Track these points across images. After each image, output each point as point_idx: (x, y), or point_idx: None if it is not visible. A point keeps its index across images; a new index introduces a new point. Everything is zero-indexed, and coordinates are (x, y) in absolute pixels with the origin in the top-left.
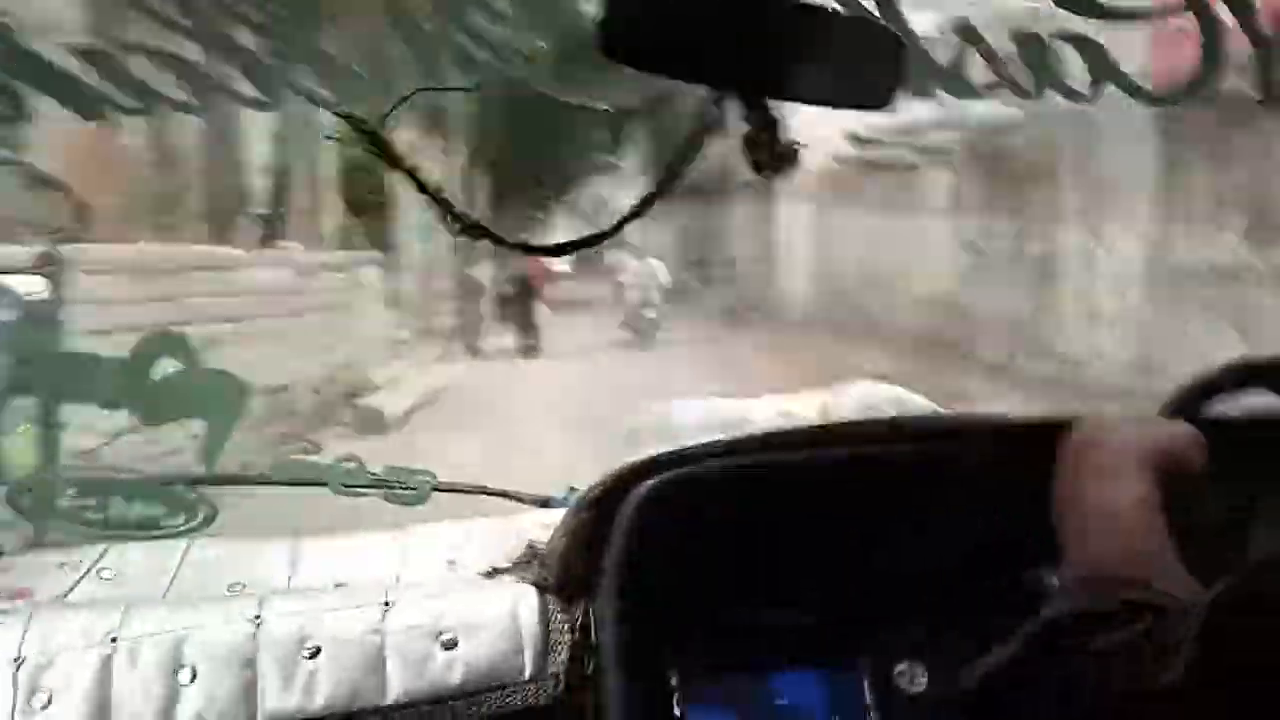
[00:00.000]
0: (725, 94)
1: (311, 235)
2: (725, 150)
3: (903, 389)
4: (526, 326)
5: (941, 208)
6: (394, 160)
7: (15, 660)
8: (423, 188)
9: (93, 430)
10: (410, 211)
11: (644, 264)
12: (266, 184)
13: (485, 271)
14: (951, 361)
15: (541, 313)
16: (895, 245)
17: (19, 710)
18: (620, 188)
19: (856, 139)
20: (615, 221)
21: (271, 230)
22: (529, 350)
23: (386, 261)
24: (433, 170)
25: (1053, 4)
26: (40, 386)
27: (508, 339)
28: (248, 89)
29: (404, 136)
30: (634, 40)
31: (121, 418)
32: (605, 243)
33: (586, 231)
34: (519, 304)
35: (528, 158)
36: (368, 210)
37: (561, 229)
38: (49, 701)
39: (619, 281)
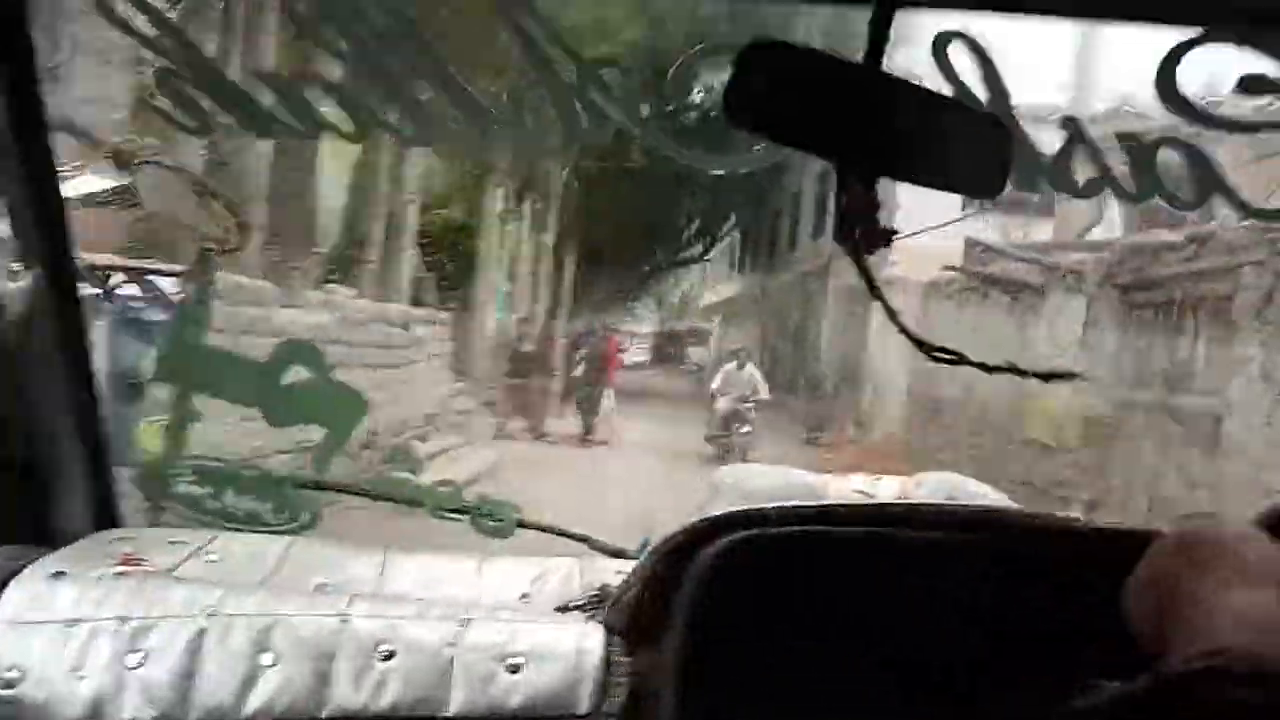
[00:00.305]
0: (840, 167)
1: (378, 285)
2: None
3: (979, 483)
4: (592, 412)
5: (1072, 336)
6: (869, 282)
7: (121, 619)
8: (891, 314)
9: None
10: (494, 277)
11: (741, 371)
12: (338, 225)
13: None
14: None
15: (610, 401)
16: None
17: (115, 664)
18: (705, 283)
19: (980, 247)
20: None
21: (329, 273)
22: (591, 438)
23: (458, 325)
24: (519, 242)
25: (1164, 108)
26: (181, 379)
27: (572, 422)
28: (404, 122)
29: (490, 204)
30: (759, 107)
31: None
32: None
33: (670, 325)
34: (589, 387)
35: (621, 241)
36: (447, 270)
37: (646, 320)
38: (144, 660)
39: (711, 390)
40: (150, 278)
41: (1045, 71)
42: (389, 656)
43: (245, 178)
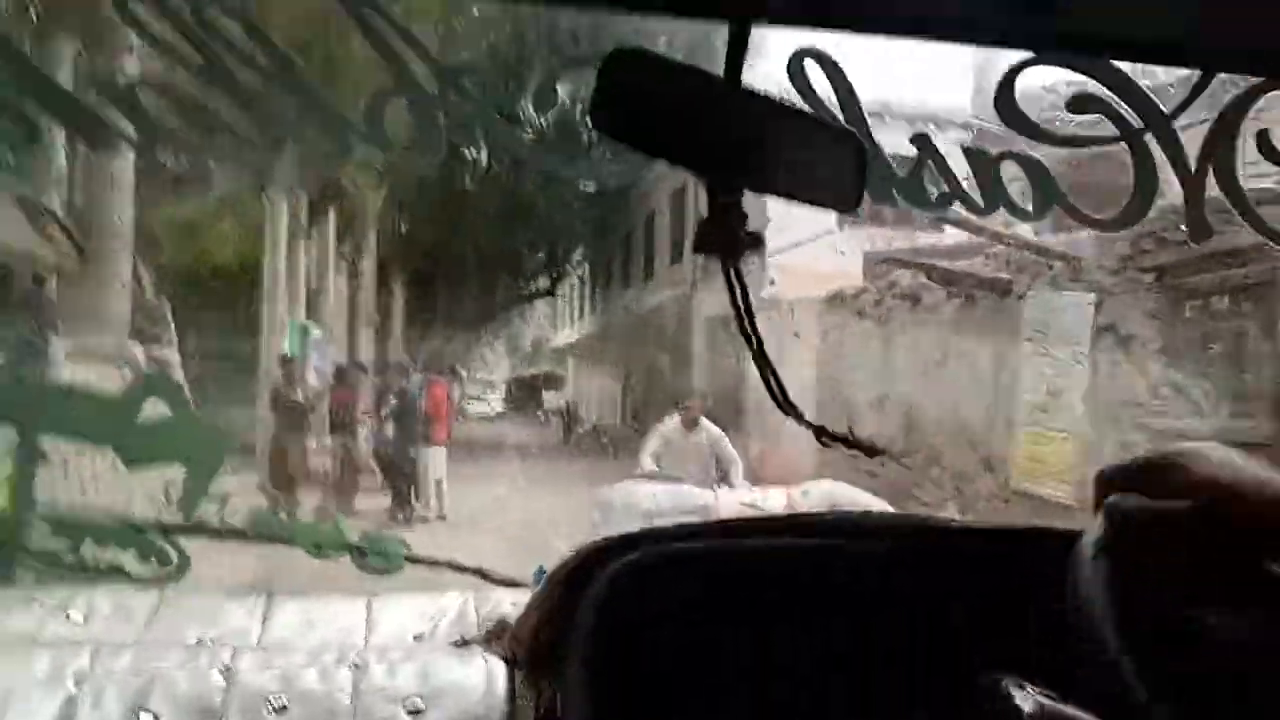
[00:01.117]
0: (702, 176)
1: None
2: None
3: (862, 491)
4: (405, 482)
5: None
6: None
7: None
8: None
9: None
10: (281, 308)
11: (693, 434)
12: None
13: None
14: None
15: (439, 465)
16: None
17: None
18: (556, 321)
19: (880, 259)
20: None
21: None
22: (402, 517)
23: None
24: (320, 265)
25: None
26: (21, 418)
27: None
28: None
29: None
30: (622, 115)
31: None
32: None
33: (521, 370)
34: (401, 447)
35: (456, 270)
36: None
37: (496, 365)
38: None
39: (644, 463)
40: None
41: (946, 76)
42: (281, 709)
43: None
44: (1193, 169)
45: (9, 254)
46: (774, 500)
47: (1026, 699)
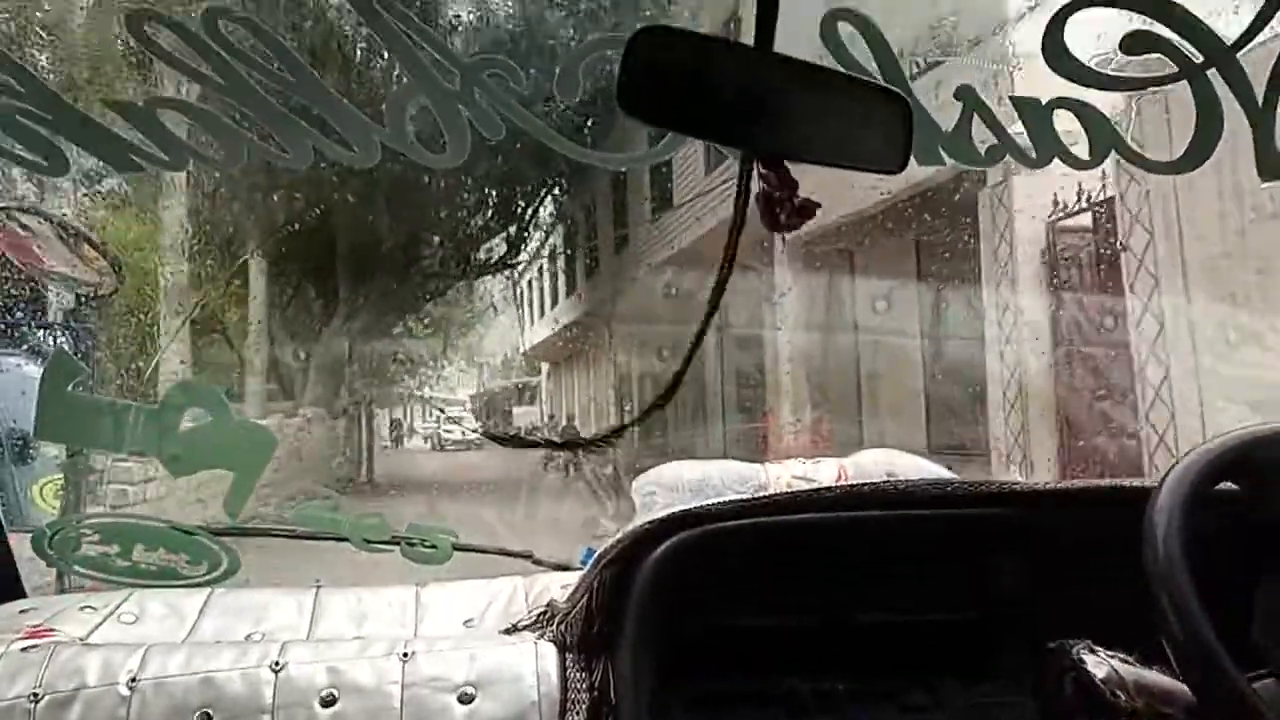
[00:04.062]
0: (743, 152)
1: None
2: None
3: (918, 457)
4: None
5: None
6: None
7: (33, 696)
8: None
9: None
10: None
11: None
12: None
13: None
14: None
15: None
16: None
17: None
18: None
19: None
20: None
21: None
22: None
23: None
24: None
25: (1049, 69)
26: (67, 434)
27: None
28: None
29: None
30: (652, 96)
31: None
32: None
33: (490, 383)
34: None
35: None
36: None
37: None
38: None
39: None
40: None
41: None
42: (331, 702)
43: None
44: (1260, 103)
45: (48, 275)
46: (826, 471)
47: (1099, 664)
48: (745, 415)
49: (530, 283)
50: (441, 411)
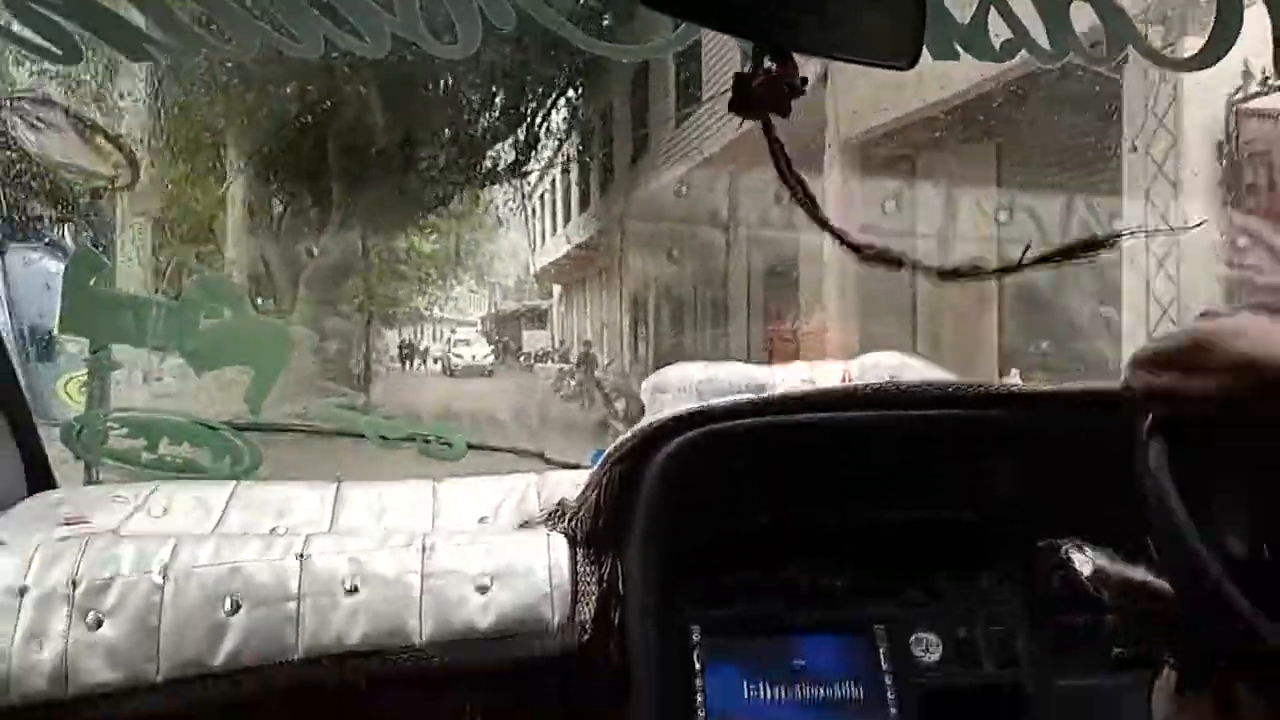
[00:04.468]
0: (748, 39)
1: None
2: None
3: (920, 359)
4: None
5: None
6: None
7: (71, 582)
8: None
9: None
10: None
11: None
12: None
13: None
14: None
15: None
16: None
17: (72, 629)
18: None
19: None
20: None
21: None
22: None
23: None
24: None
25: None
26: (90, 329)
27: None
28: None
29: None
30: None
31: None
32: None
33: (501, 304)
34: None
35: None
36: None
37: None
38: (99, 623)
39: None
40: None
41: None
42: (353, 591)
43: None
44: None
45: (63, 169)
46: (830, 373)
47: (1086, 562)
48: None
49: (543, 196)
50: (453, 333)
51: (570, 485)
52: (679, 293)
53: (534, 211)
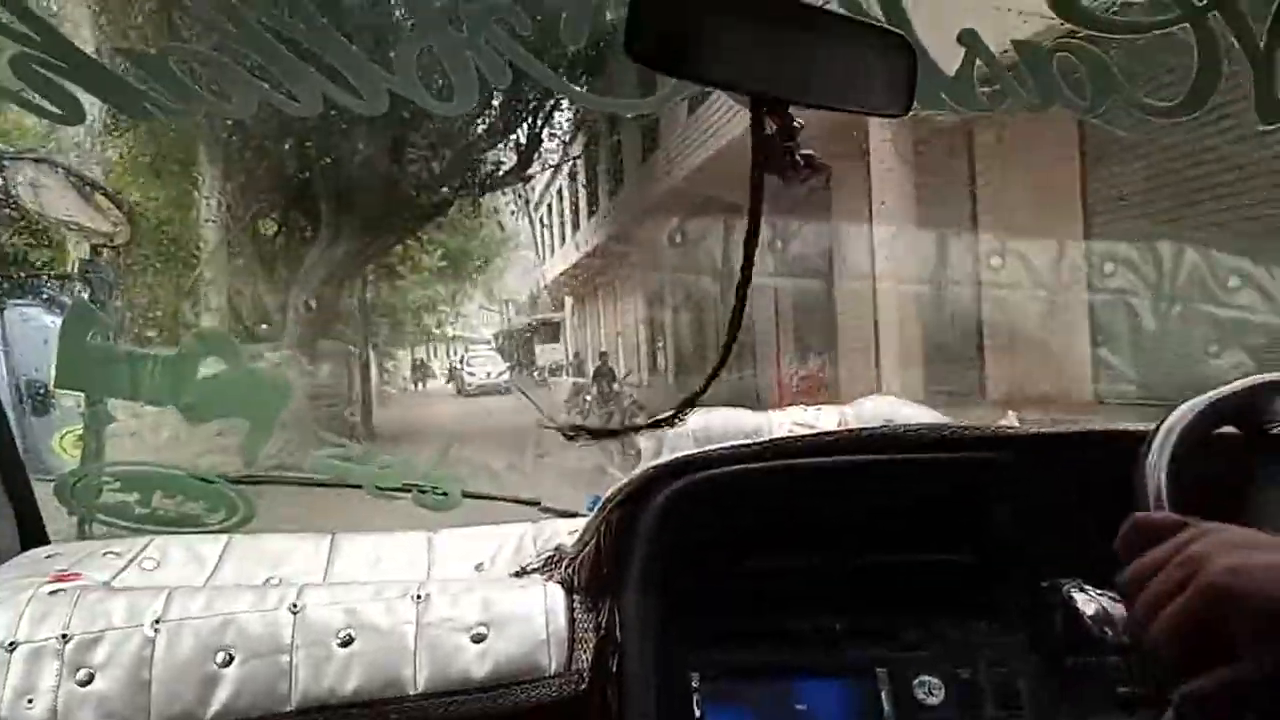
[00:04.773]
0: (745, 94)
1: None
2: None
3: (916, 404)
4: None
5: None
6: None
7: (62, 637)
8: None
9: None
10: None
11: None
12: None
13: None
14: None
15: None
16: None
17: (63, 684)
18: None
19: None
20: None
21: None
22: None
23: None
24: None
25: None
26: (86, 383)
27: None
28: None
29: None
30: (658, 42)
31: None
32: None
33: (513, 320)
34: None
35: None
36: None
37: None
38: (91, 678)
39: None
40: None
41: None
42: (348, 642)
43: None
44: (1260, 45)
45: (64, 226)
46: (827, 419)
47: (1089, 602)
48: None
49: (550, 206)
50: (467, 350)
51: (566, 533)
52: (699, 297)
53: (541, 220)
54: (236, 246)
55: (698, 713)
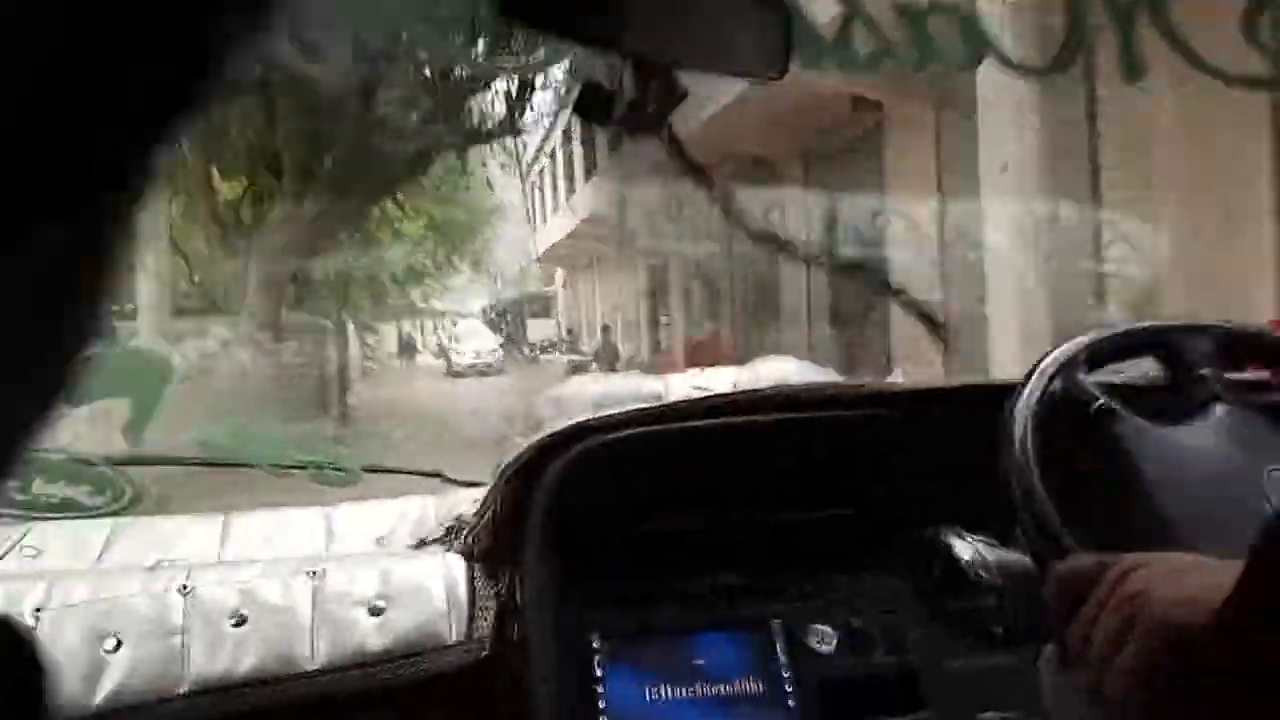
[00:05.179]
0: (615, 55)
1: None
2: None
3: (808, 364)
4: None
5: None
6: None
7: None
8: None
9: None
10: None
11: None
12: None
13: None
14: None
15: None
16: None
17: None
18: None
19: None
20: None
21: None
22: None
23: None
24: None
25: None
26: None
27: None
28: None
29: None
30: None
31: None
32: None
33: (503, 293)
34: None
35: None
36: None
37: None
38: None
39: None
40: None
41: None
42: (241, 621)
43: None
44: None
45: None
46: (723, 380)
47: (966, 548)
48: None
49: (542, 170)
50: (454, 324)
51: (469, 503)
52: (707, 266)
53: (534, 184)
54: (182, 201)
55: (598, 673)
